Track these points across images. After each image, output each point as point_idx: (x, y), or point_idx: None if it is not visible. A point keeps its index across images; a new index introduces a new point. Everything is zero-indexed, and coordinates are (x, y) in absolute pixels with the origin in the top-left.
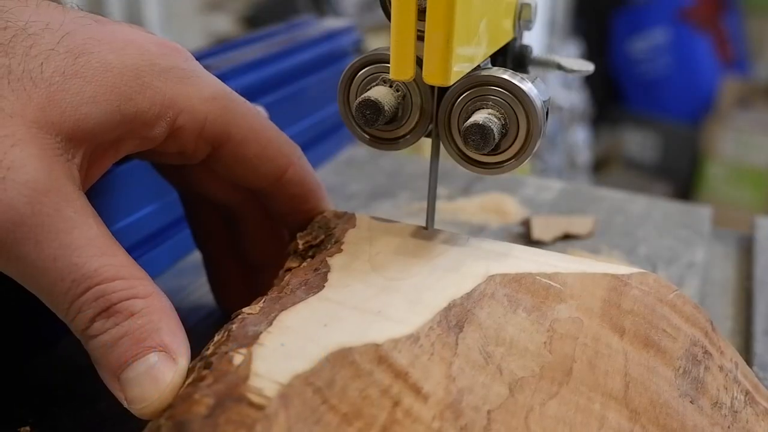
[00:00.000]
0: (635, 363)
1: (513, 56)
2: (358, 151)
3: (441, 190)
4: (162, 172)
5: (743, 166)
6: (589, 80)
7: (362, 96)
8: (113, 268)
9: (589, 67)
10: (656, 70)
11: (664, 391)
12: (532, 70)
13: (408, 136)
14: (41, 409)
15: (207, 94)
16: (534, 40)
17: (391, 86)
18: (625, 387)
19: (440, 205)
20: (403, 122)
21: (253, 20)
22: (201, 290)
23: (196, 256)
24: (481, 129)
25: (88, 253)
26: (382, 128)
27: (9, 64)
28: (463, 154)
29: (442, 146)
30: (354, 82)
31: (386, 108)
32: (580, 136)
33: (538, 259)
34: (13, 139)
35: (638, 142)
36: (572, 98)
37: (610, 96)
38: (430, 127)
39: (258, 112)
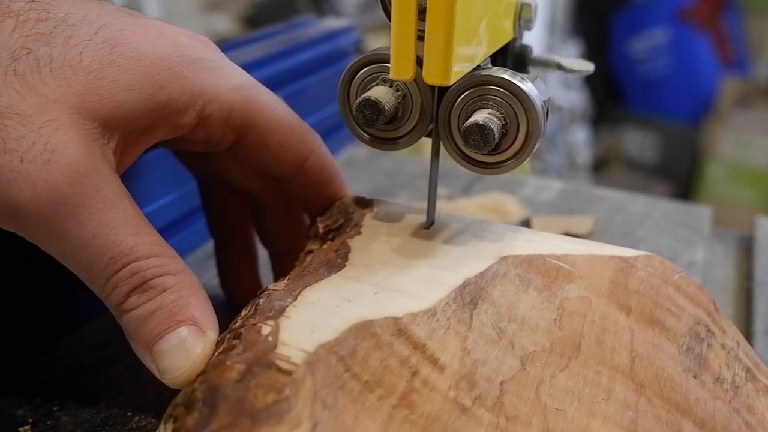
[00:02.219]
0: (641, 340)
1: (513, 56)
2: (358, 151)
3: (441, 190)
4: (185, 159)
5: (743, 166)
6: (589, 80)
7: (362, 96)
8: (147, 247)
9: (589, 67)
10: (656, 70)
11: (668, 366)
12: (532, 70)
13: (408, 136)
14: (41, 409)
15: (234, 84)
16: (534, 40)
17: (391, 86)
18: (631, 362)
19: (440, 205)
20: (403, 122)
21: (253, 20)
22: (208, 285)
23: (203, 251)
24: (482, 129)
25: (125, 232)
26: (382, 128)
27: (50, 53)
28: (464, 153)
29: (442, 146)
30: (354, 82)
31: (386, 108)
32: (580, 136)
33: (549, 242)
34: (56, 124)
35: (638, 142)
36: (572, 98)
37: (610, 96)
38: (431, 126)
39: (281, 102)
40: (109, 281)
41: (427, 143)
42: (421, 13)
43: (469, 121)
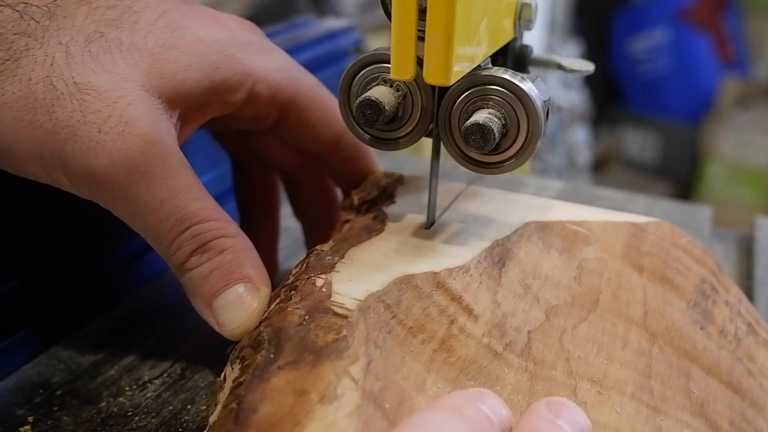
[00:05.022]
0: (653, 295)
1: (513, 56)
2: None
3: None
4: (224, 140)
5: (743, 166)
6: (589, 80)
7: (363, 96)
8: (207, 211)
9: (589, 67)
10: (656, 70)
11: (678, 319)
12: (533, 70)
13: (408, 136)
14: (41, 409)
15: (279, 65)
16: (534, 40)
17: (391, 86)
18: (644, 315)
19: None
20: (403, 122)
21: (253, 20)
22: None
23: None
24: (482, 129)
25: (188, 197)
26: (382, 128)
27: (120, 37)
28: (464, 154)
29: (442, 146)
30: (354, 82)
31: (387, 108)
32: (580, 136)
33: (567, 209)
34: (128, 99)
35: (638, 142)
36: (572, 98)
37: (610, 96)
38: (431, 127)
39: (319, 83)
40: (174, 242)
41: (427, 143)
42: (422, 13)
43: (469, 121)
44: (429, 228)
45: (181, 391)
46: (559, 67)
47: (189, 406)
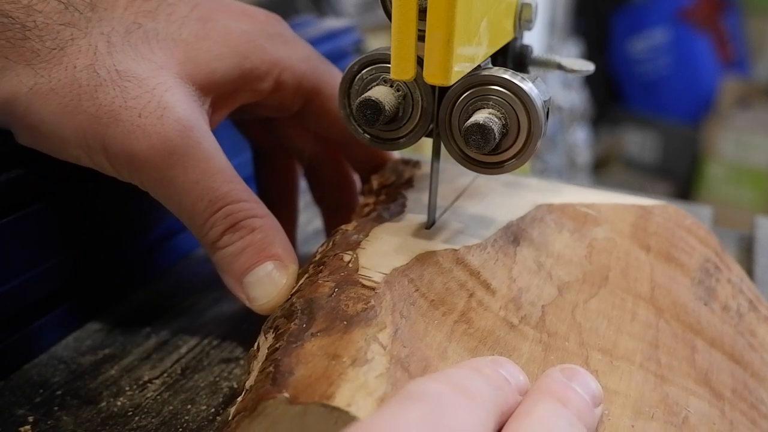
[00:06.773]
0: (659, 273)
1: (513, 56)
2: None
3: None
4: (247, 129)
5: (743, 166)
6: (589, 80)
7: (363, 96)
8: (239, 192)
9: (589, 67)
10: (656, 70)
11: (683, 295)
12: (533, 70)
13: (409, 136)
14: (41, 409)
15: (303, 55)
16: (534, 40)
17: (391, 86)
18: (651, 291)
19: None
20: (403, 122)
21: None
22: None
23: None
24: (482, 129)
25: (221, 179)
26: (382, 128)
27: (156, 28)
28: (464, 153)
29: (442, 146)
30: (355, 82)
31: (387, 108)
32: (580, 136)
33: (577, 192)
34: (165, 86)
35: (638, 142)
36: (572, 98)
37: (610, 96)
38: (431, 126)
39: (340, 73)
40: (208, 221)
41: (427, 143)
42: (422, 12)
43: (469, 121)
44: (429, 228)
45: (181, 391)
46: (559, 67)
47: (189, 406)
